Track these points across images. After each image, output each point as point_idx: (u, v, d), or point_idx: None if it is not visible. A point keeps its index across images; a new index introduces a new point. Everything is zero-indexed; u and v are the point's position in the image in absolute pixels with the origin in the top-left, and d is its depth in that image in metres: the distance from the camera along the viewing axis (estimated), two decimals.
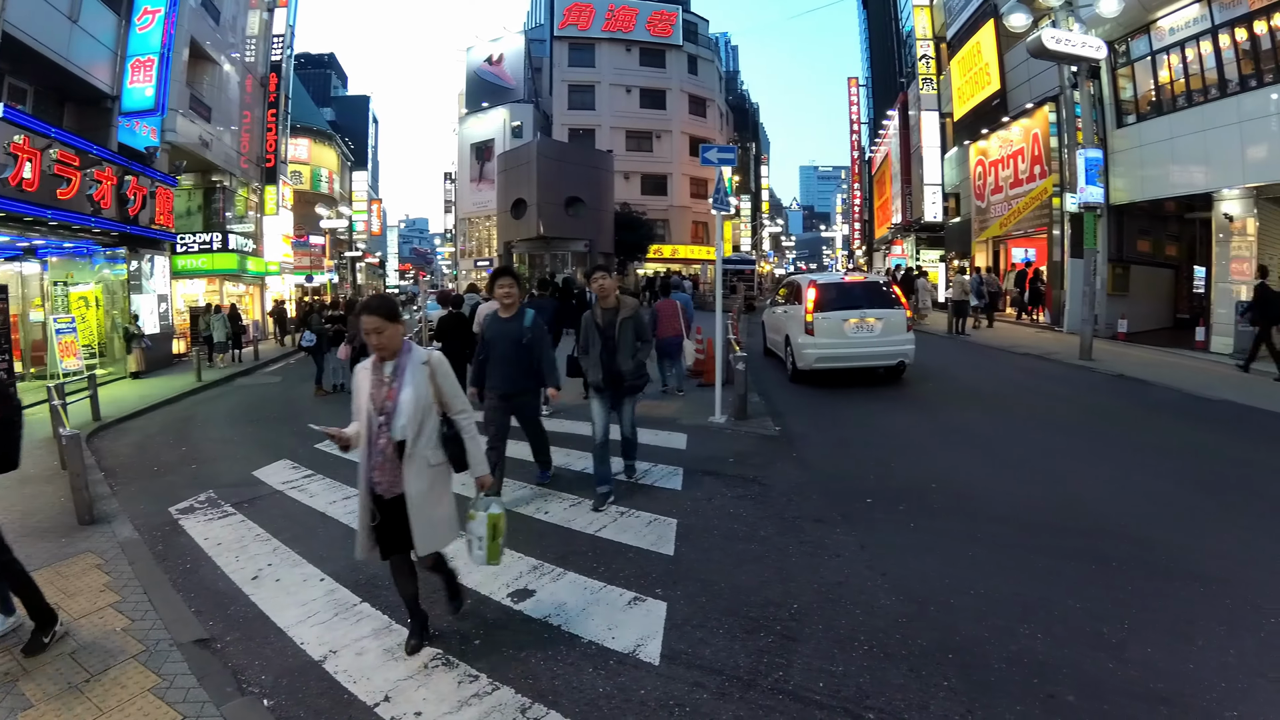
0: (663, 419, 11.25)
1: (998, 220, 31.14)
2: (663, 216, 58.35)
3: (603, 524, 6.68)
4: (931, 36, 40.07)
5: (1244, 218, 18.99)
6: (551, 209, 36.50)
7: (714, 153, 11.69)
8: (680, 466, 8.56)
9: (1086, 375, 16.02)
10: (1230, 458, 9.11)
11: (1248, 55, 18.42)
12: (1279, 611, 4.87)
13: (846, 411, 11.97)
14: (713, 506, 7.17)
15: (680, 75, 60.59)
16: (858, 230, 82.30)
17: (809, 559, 5.84)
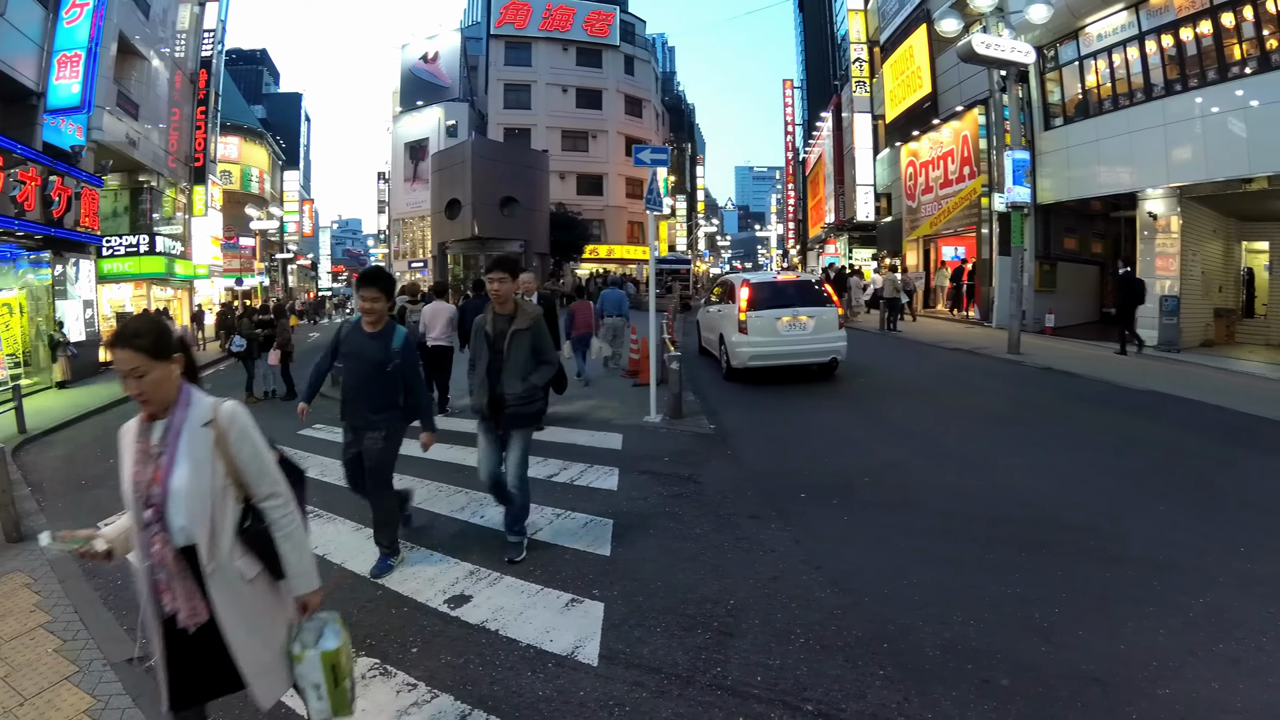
0: (599, 420, 11.14)
1: (928, 219, 31.51)
2: (598, 216, 57.91)
3: (539, 526, 6.54)
4: (865, 40, 40.38)
5: (1168, 216, 19.42)
6: (486, 209, 35.94)
7: (647, 153, 11.70)
8: (616, 467, 8.45)
9: (1015, 368, 16.28)
10: (1154, 445, 9.36)
11: (1173, 61, 18.87)
12: (1205, 591, 5.00)
13: (781, 408, 11.97)
14: (648, 505, 7.11)
15: (617, 75, 60.13)
16: (792, 230, 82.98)
17: (744, 555, 5.83)
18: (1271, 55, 16.47)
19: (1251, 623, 4.58)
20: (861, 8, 40.95)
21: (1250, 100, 16.75)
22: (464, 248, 39.33)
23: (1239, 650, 4.27)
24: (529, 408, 5.87)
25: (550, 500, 7.24)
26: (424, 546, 6.21)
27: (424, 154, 55.63)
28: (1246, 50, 17.05)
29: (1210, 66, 17.90)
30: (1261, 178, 16.80)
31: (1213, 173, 17.78)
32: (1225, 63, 17.52)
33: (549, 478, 8.02)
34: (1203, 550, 5.75)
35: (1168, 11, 18.77)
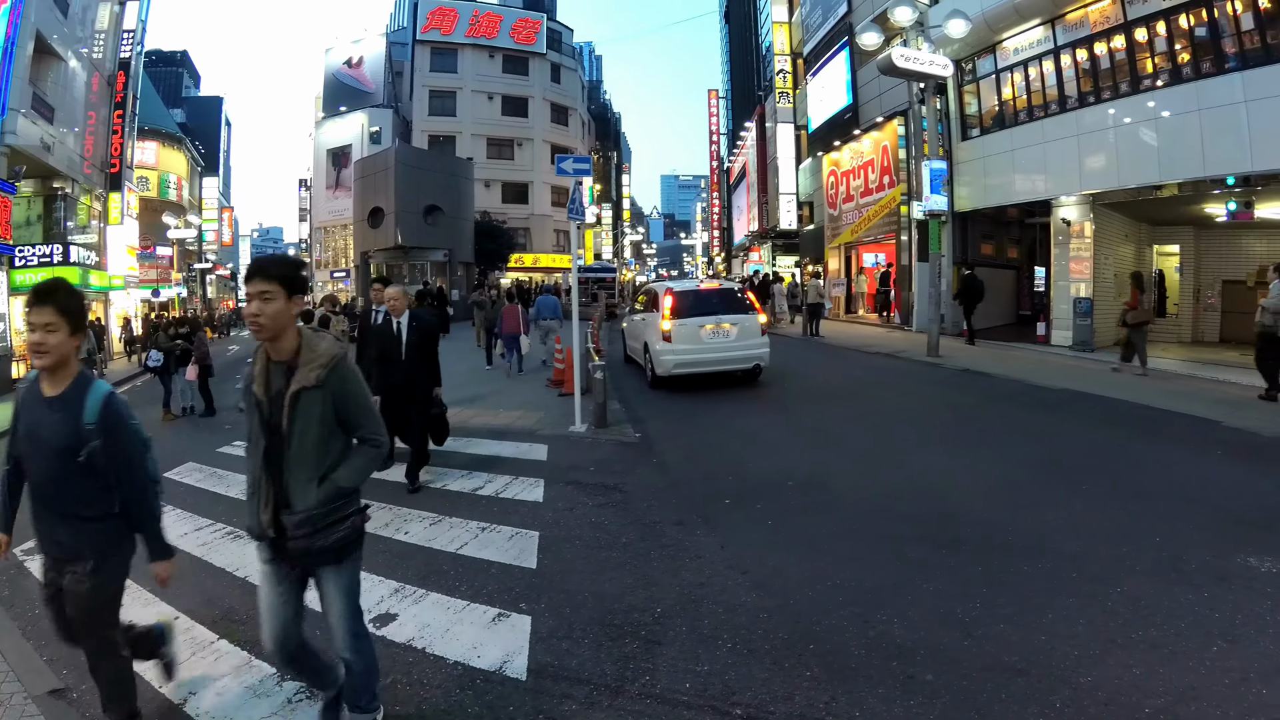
0: (524, 431, 10.93)
1: (849, 227, 31.67)
2: (524, 225, 56.89)
3: (464, 541, 6.36)
4: (789, 52, 40.61)
5: (1081, 222, 19.79)
6: (410, 218, 35.01)
7: (570, 163, 11.67)
8: (541, 478, 8.28)
9: (934, 371, 16.42)
10: (1068, 440, 9.64)
11: (1087, 73, 19.22)
12: (1122, 581, 5.09)
13: (705, 415, 11.84)
14: (575, 516, 6.98)
15: (543, 83, 59.04)
16: (717, 237, 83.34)
17: (670, 562, 5.77)
18: (1182, 69, 16.78)
19: (1169, 609, 4.68)
20: (786, 20, 41.24)
21: (1161, 111, 17.07)
22: (387, 257, 38.10)
23: (1158, 636, 4.35)
24: (329, 536, 3.27)
25: (476, 514, 7.06)
26: None
27: (347, 161, 53.61)
28: (1158, 64, 17.39)
29: (1123, 79, 18.24)
30: (1172, 184, 17.18)
31: (1125, 180, 18.13)
32: (1137, 75, 17.84)
33: (474, 491, 7.86)
34: (1118, 540, 5.86)
35: (1082, 27, 19.12)
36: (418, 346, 8.00)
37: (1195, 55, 16.56)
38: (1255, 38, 15.30)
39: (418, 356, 7.99)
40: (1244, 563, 5.37)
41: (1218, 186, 16.42)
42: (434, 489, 8.04)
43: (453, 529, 6.68)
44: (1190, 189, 16.99)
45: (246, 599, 4.69)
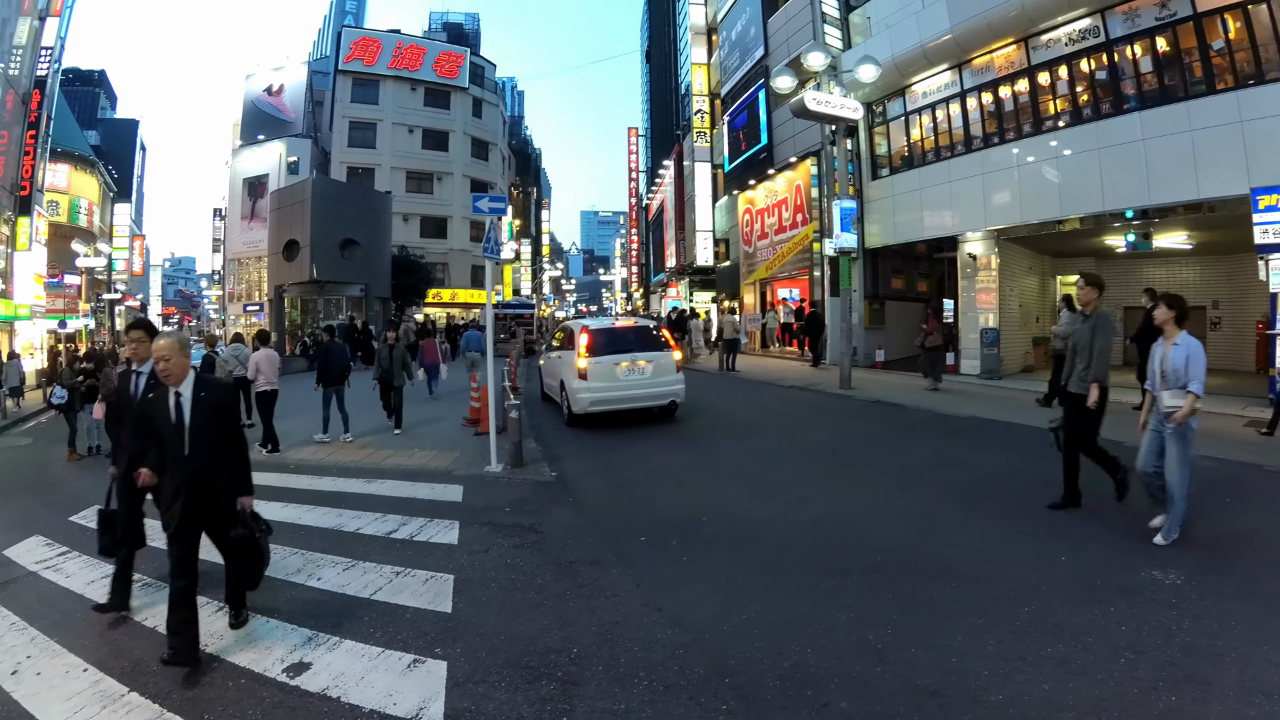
0: (439, 471, 10.54)
1: (764, 264, 31.61)
2: (442, 260, 55.27)
3: (378, 586, 6.11)
4: (707, 93, 40.79)
5: (987, 255, 20.11)
6: (326, 251, 33.21)
7: (485, 202, 11.36)
8: (457, 519, 7.99)
9: (847, 403, 16.32)
10: (974, 466, 9.76)
11: (992, 115, 19.65)
12: (1028, 601, 5.15)
13: (621, 452, 11.61)
14: (490, 558, 6.75)
15: (464, 118, 57.83)
16: (636, 273, 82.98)
17: (586, 602, 5.63)
18: (1083, 109, 17.21)
19: (1076, 625, 4.74)
20: (705, 62, 41.46)
21: (1063, 150, 17.49)
22: (302, 291, 36.29)
23: (1066, 651, 4.40)
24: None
25: (390, 558, 6.78)
26: (260, 614, 5.56)
27: (263, 191, 51.22)
28: (1060, 105, 17.85)
29: (1026, 120, 18.64)
30: (1073, 219, 17.56)
31: (1028, 216, 18.51)
32: (1040, 116, 18.26)
33: (388, 534, 7.51)
34: (1025, 561, 5.98)
35: (988, 71, 19.55)
36: (208, 432, 4.84)
37: (1095, 97, 17.00)
38: (1153, 79, 15.79)
39: (209, 448, 4.83)
40: (1149, 576, 5.52)
41: (1117, 220, 16.80)
42: (347, 533, 7.68)
43: (366, 574, 6.39)
44: (1091, 222, 17.35)
45: (157, 648, 4.61)
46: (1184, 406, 6.01)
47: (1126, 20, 16.04)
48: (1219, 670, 4.18)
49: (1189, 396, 6.00)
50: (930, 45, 20.22)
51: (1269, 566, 5.76)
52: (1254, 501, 7.82)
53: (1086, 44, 16.94)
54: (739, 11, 32.91)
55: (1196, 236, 17.90)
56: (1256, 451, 9.99)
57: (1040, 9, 17.19)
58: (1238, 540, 6.43)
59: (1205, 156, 14.54)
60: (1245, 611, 4.90)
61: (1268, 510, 7.51)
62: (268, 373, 12.70)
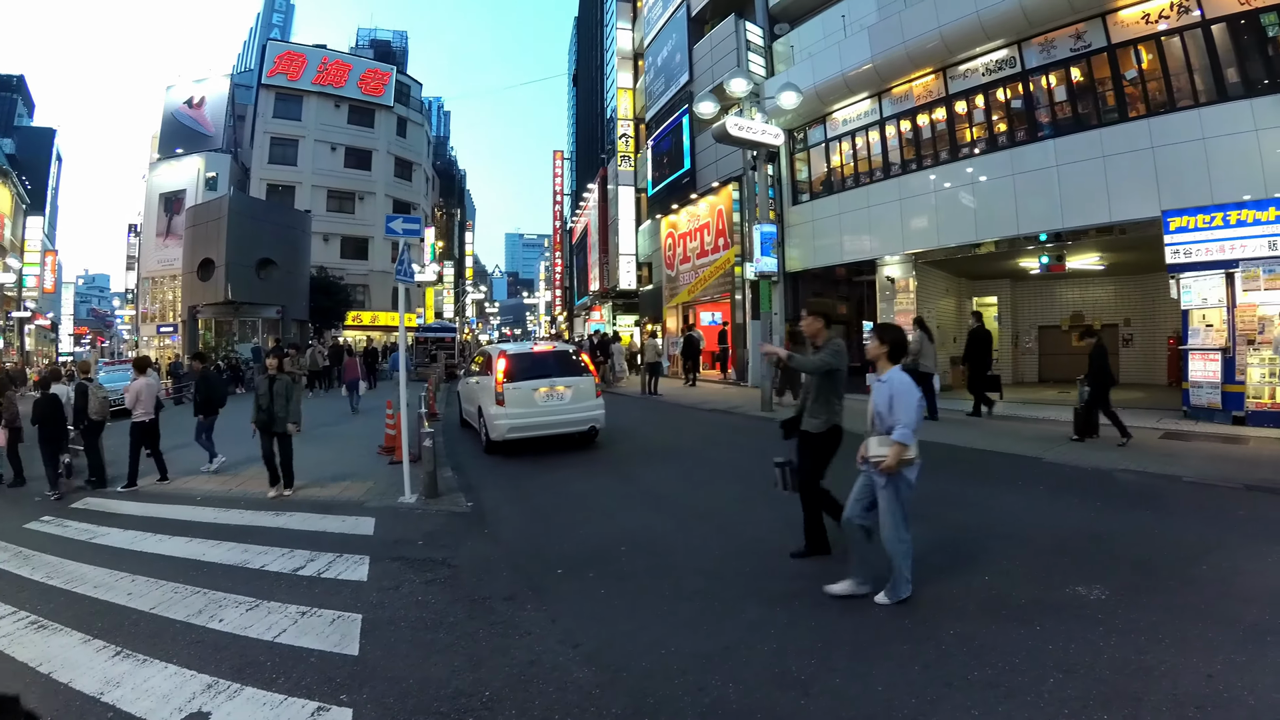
0: (350, 503, 9.89)
1: (686, 287, 31.32)
2: (362, 281, 53.19)
3: (283, 628, 5.66)
4: (632, 117, 40.45)
5: (905, 278, 20.22)
6: (241, 271, 31.76)
7: (399, 223, 10.84)
8: (367, 554, 7.49)
9: (767, 425, 15.54)
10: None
11: (910, 142, 19.74)
12: (954, 622, 5.02)
13: (540, 480, 11.08)
14: (400, 595, 6.33)
15: (389, 137, 56.04)
16: (559, 296, 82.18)
17: (500, 640, 5.29)
18: (998, 137, 17.34)
19: (1003, 646, 4.64)
20: (630, 87, 41.15)
21: (979, 176, 17.60)
22: (216, 312, 34.48)
23: (994, 674, 4.30)
24: None
25: (295, 597, 6.32)
26: (158, 659, 5.20)
27: (180, 207, 47.40)
28: (976, 133, 17.96)
29: (944, 147, 18.74)
30: (989, 242, 17.70)
31: (945, 240, 18.60)
32: (957, 144, 18.36)
33: (294, 571, 7.03)
34: (949, 582, 5.82)
35: (907, 99, 19.65)
36: None
37: (1011, 124, 17.16)
38: (1066, 108, 16.00)
39: None
40: (1073, 592, 5.47)
41: (1031, 243, 17.01)
42: (252, 569, 7.21)
43: (270, 614, 5.94)
44: (1006, 246, 17.52)
45: (49, 699, 4.47)
46: (888, 457, 5.19)
47: (1043, 51, 16.25)
48: (1149, 685, 4.12)
49: (894, 445, 5.18)
50: (851, 74, 20.20)
51: (1191, 578, 5.77)
52: (1174, 513, 7.83)
53: (1003, 74, 17.11)
54: (665, 37, 32.74)
55: (1109, 258, 18.26)
56: (1176, 463, 10.03)
57: (959, 40, 17.32)
58: (1160, 552, 6.43)
59: (1118, 181, 14.77)
60: (1171, 624, 4.87)
61: (1188, 521, 7.50)
62: (146, 403, 11.75)
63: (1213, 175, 13.42)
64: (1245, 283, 12.35)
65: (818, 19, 22.60)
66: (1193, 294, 13.14)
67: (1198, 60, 14.08)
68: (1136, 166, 14.44)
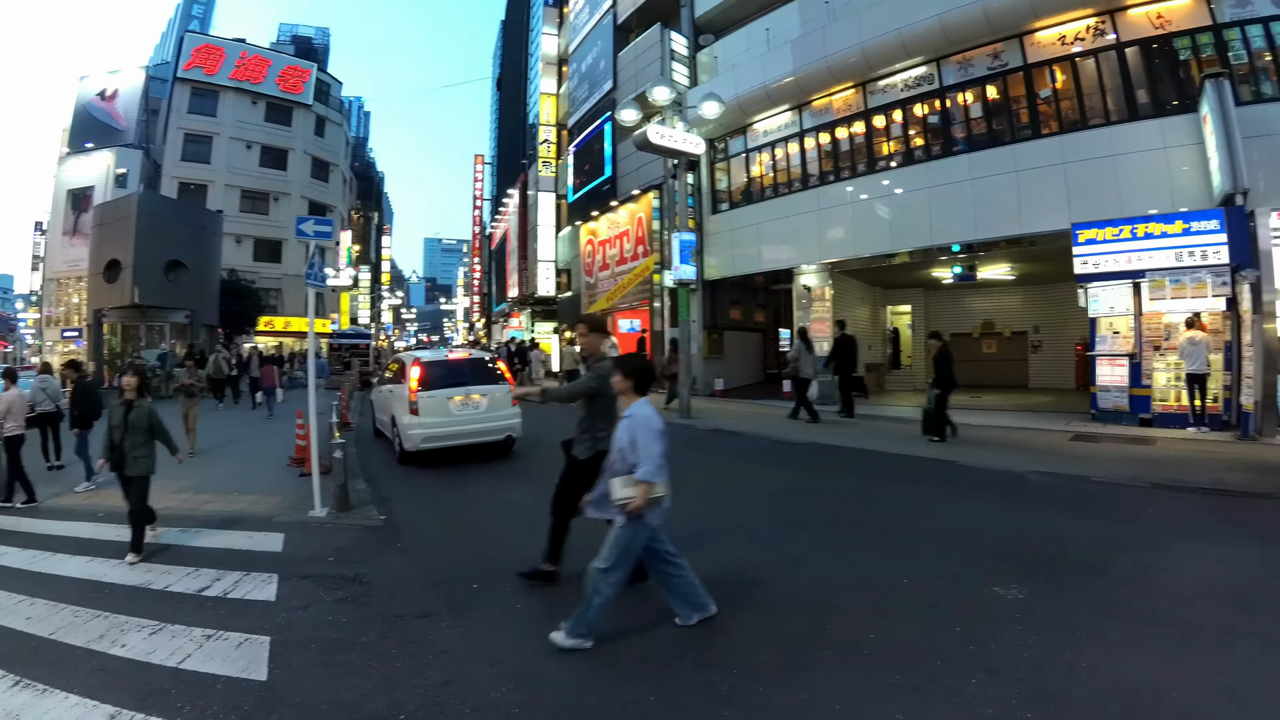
0: (258, 518, 9.25)
1: (605, 294, 30.98)
2: (275, 285, 49.73)
3: (188, 653, 5.27)
4: (555, 123, 39.93)
5: (821, 287, 20.31)
6: (150, 273, 29.25)
7: (309, 224, 10.12)
8: (275, 573, 7.00)
9: (687, 432, 15.70)
10: (818, 492, 9.55)
11: (829, 155, 19.84)
12: (877, 626, 4.98)
13: (455, 491, 10.62)
14: (310, 616, 5.93)
15: (306, 136, 53.24)
16: (478, 303, 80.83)
17: (414, 661, 4.98)
18: (914, 151, 17.53)
19: (925, 648, 4.60)
20: (554, 92, 40.66)
21: (895, 189, 17.75)
22: (122, 316, 32.30)
23: (918, 677, 4.24)
24: None
25: (201, 619, 5.90)
26: (58, 688, 4.81)
27: (88, 204, 44.54)
28: (893, 147, 18.13)
29: (861, 160, 18.88)
30: (904, 253, 17.92)
31: (861, 250, 18.76)
32: (874, 157, 18.51)
33: (200, 591, 6.57)
34: (870, 587, 5.80)
35: (827, 113, 19.76)
36: None
37: (928, 139, 17.39)
38: (982, 124, 16.28)
39: None
40: (991, 593, 5.47)
41: (945, 253, 17.27)
42: (155, 590, 6.71)
43: (175, 638, 5.50)
44: (921, 256, 17.75)
45: None
46: (634, 497, 4.74)
47: (960, 69, 16.53)
48: (1073, 682, 4.13)
49: (640, 485, 4.73)
50: (773, 86, 20.24)
51: (1105, 575, 5.85)
52: (1085, 512, 7.95)
53: (921, 90, 17.37)
54: (591, 44, 32.45)
55: (1019, 268, 18.70)
56: (1086, 464, 10.23)
57: (880, 56, 17.50)
58: (1074, 551, 6.51)
59: (1030, 195, 15.08)
60: (1090, 621, 4.91)
61: (1099, 520, 7.60)
62: (17, 415, 10.79)
63: (1122, 190, 13.83)
64: (1152, 292, 12.81)
65: (742, 31, 22.60)
66: (1100, 303, 13.55)
67: (1110, 81, 14.56)
68: (1048, 181, 14.77)
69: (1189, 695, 3.95)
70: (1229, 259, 12.01)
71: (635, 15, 28.07)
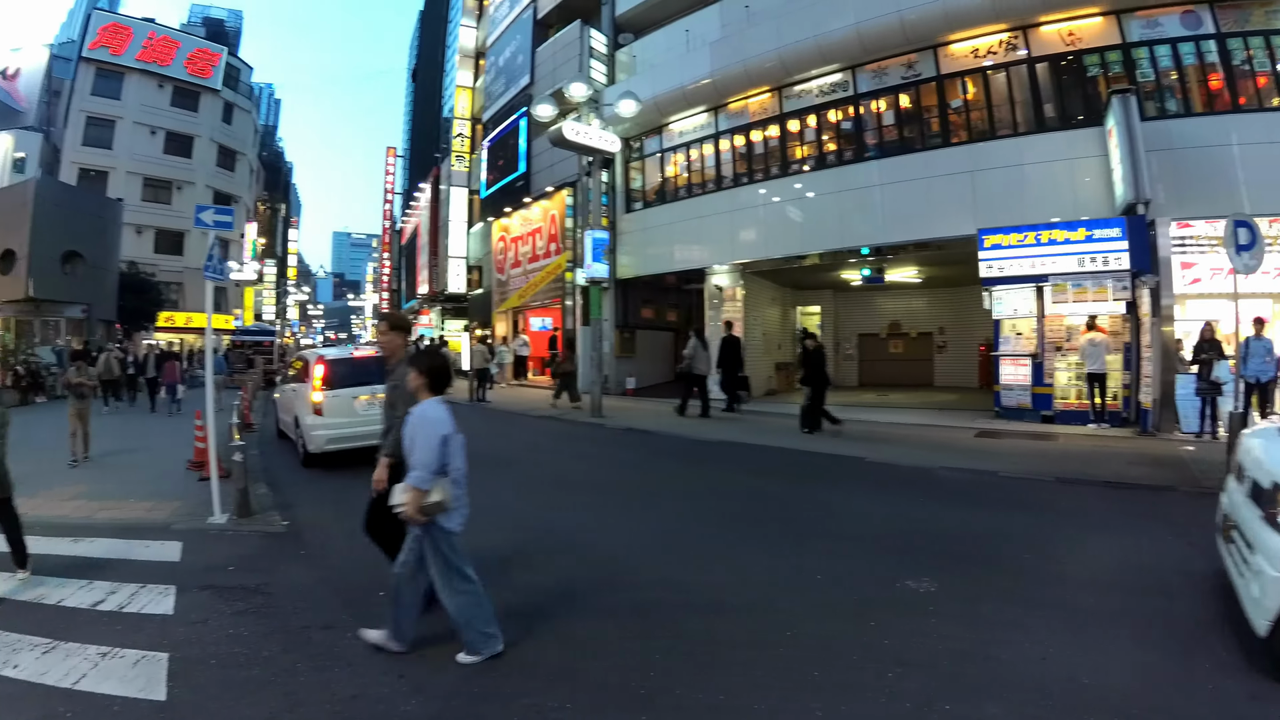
0: (154, 525, 8.57)
1: (517, 292, 30.51)
2: (177, 279, 46.42)
3: (83, 672, 4.85)
4: (470, 117, 39.07)
5: (733, 287, 20.39)
6: (46, 264, 27.23)
7: (209, 214, 9.60)
8: (173, 584, 6.48)
9: (598, 431, 15.67)
10: (731, 491, 9.51)
11: (743, 157, 19.87)
12: (794, 624, 4.96)
13: (361, 495, 9.80)
14: (210, 630, 5.51)
15: (213, 123, 50.35)
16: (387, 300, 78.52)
17: (320, 674, 4.69)
18: (827, 155, 17.73)
19: (841, 644, 4.61)
20: (470, 85, 39.83)
21: (807, 192, 17.90)
22: (16, 310, 30.02)
23: (835, 673, 4.24)
24: None
25: (96, 636, 5.40)
26: None
27: None
28: (806, 151, 18.29)
29: (775, 163, 18.97)
30: (814, 255, 18.10)
31: (772, 251, 18.85)
32: (788, 160, 18.63)
33: (94, 606, 6.04)
34: (785, 585, 5.76)
35: (742, 115, 19.78)
36: None
37: (840, 145, 17.57)
38: (894, 131, 16.57)
39: None
40: (903, 586, 5.51)
41: (854, 256, 17.53)
42: (48, 605, 6.18)
43: (69, 658, 5.05)
44: (830, 258, 17.98)
45: None
46: (405, 504, 4.42)
47: (875, 77, 16.75)
48: (988, 672, 4.16)
49: (410, 491, 4.40)
50: (691, 87, 20.13)
51: (1015, 566, 5.95)
52: (992, 506, 8.10)
53: (836, 96, 17.52)
54: (510, 38, 31.84)
55: (926, 271, 19.09)
56: (991, 459, 10.42)
57: (797, 62, 17.58)
58: (983, 544, 6.60)
59: (938, 200, 15.36)
60: (1002, 612, 4.98)
61: (1007, 514, 7.72)
62: None
63: (1027, 198, 14.21)
64: (1054, 295, 13.27)
65: (662, 31, 22.43)
66: (1004, 305, 13.94)
67: (1020, 94, 15.00)
68: (956, 188, 15.07)
69: (1103, 682, 4.00)
70: (1130, 265, 12.49)
71: (556, 10, 27.61)
